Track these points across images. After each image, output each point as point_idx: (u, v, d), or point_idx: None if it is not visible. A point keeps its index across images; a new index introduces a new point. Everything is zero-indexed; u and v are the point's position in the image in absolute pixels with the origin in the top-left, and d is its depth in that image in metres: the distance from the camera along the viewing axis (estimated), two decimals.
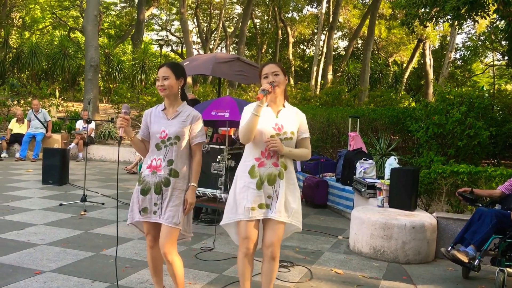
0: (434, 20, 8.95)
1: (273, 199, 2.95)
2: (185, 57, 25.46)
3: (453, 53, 19.61)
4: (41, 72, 19.78)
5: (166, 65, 3.08)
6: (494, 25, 13.85)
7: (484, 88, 14.02)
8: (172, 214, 2.96)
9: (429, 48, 24.82)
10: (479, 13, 8.00)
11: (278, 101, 3.07)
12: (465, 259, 3.98)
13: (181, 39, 32.77)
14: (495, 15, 8.45)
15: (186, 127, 3.04)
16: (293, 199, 3.00)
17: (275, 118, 3.02)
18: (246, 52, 31.72)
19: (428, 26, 10.58)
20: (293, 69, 29.24)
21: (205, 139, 3.13)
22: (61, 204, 6.46)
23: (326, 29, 23.97)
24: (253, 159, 2.99)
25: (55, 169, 8.10)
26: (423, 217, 4.93)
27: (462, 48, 29.17)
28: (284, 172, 2.98)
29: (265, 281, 3.10)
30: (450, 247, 4.19)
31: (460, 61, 29.52)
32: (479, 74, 28.67)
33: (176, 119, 3.06)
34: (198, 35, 31.97)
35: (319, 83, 21.64)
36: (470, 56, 28.65)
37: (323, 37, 23.91)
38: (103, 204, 6.64)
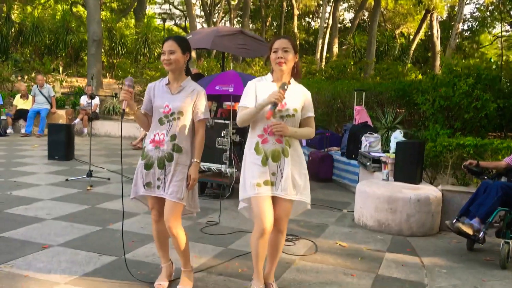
0: None
1: (277, 177, 2.92)
2: (189, 31, 25.18)
3: (461, 24, 19.24)
4: (44, 47, 19.64)
5: (172, 39, 3.00)
6: None
7: (492, 60, 13.80)
8: (176, 189, 2.96)
9: (437, 19, 24.34)
10: None
11: (284, 78, 3.01)
12: (470, 231, 3.99)
13: (184, 12, 32.34)
14: None
15: (190, 102, 3.01)
16: (299, 176, 2.98)
17: None
18: (251, 25, 31.30)
19: None
20: (298, 42, 28.87)
21: (209, 115, 3.10)
22: (67, 180, 6.51)
23: (332, 0, 23.53)
24: (256, 136, 2.96)
25: (61, 144, 8.15)
26: (428, 190, 4.93)
27: (470, 19, 28.65)
28: (288, 149, 2.94)
29: (271, 253, 3.13)
30: (455, 220, 4.20)
31: (468, 32, 29.03)
32: (487, 45, 28.21)
33: (180, 94, 3.02)
34: (201, 8, 31.52)
35: (324, 57, 21.38)
36: (478, 27, 28.15)
37: (328, 9, 23.52)
38: (109, 179, 6.68)
